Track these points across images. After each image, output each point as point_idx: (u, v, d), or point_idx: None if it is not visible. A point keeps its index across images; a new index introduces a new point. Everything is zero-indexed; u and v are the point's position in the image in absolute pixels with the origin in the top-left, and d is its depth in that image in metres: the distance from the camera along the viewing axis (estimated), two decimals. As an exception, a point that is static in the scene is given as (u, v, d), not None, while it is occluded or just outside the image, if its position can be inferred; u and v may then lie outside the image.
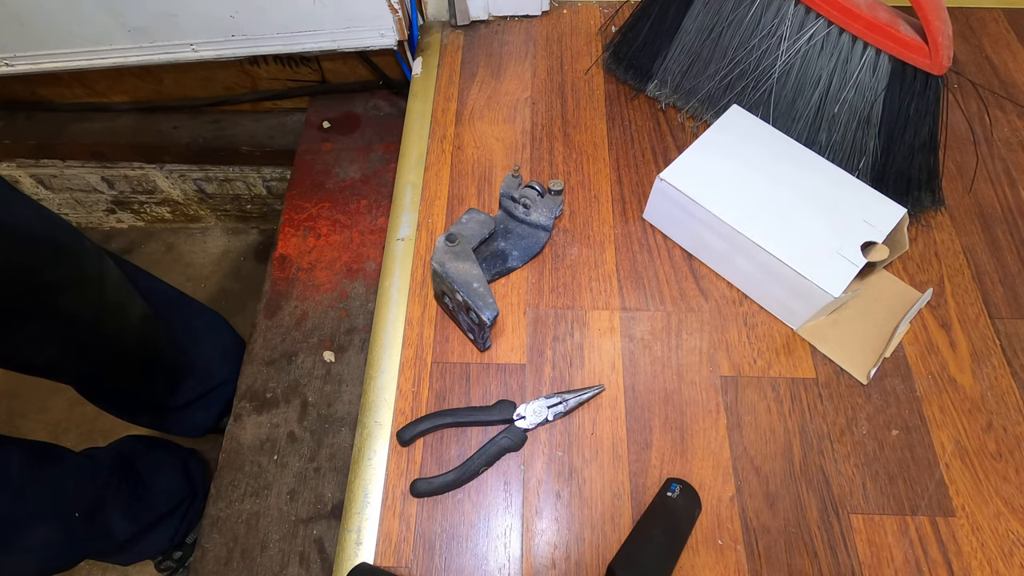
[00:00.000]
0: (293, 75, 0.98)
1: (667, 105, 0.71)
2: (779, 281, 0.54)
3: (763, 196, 0.56)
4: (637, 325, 0.58)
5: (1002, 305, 0.59)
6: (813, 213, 0.55)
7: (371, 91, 0.99)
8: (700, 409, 0.53)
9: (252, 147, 1.06)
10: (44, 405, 1.22)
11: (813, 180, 0.57)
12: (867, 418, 0.53)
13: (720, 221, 0.55)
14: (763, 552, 0.48)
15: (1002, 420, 0.53)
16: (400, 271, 0.61)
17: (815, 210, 0.56)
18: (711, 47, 0.65)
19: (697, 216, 0.57)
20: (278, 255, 0.86)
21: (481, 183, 0.66)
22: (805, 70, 0.61)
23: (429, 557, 0.48)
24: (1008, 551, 0.48)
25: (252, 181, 1.19)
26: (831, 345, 0.56)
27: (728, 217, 0.55)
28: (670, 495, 0.48)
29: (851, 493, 0.50)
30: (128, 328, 0.75)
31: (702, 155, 0.58)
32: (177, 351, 0.88)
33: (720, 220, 0.55)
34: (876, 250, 0.55)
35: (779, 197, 0.56)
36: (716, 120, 0.61)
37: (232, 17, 0.79)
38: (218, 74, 0.99)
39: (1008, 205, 0.65)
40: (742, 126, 0.60)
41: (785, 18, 0.59)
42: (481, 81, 0.74)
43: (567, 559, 0.48)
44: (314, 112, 0.99)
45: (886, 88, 0.58)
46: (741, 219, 0.54)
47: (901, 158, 0.60)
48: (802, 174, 0.58)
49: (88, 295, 0.67)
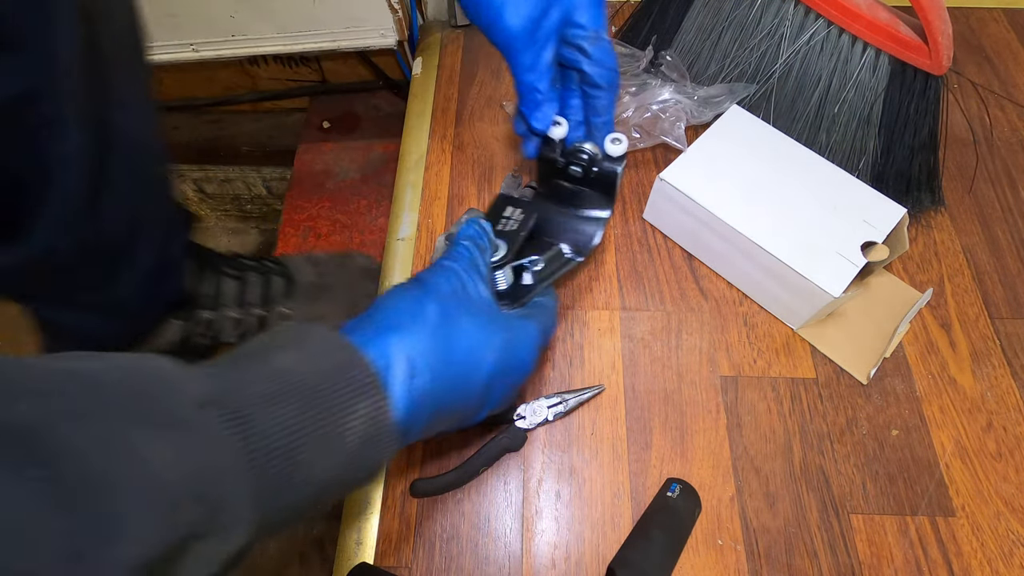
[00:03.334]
0: (293, 75, 0.98)
1: (667, 105, 0.71)
2: (779, 281, 0.54)
3: (763, 196, 0.56)
4: (637, 325, 0.58)
5: (1002, 305, 0.59)
6: (813, 213, 0.55)
7: (371, 91, 1.00)
8: (700, 409, 0.53)
9: (252, 147, 1.06)
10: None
11: (813, 180, 0.57)
12: (867, 418, 0.53)
13: (720, 221, 0.55)
14: (763, 552, 0.48)
15: (1002, 420, 0.53)
16: (400, 271, 0.61)
17: (815, 210, 0.56)
18: (711, 47, 0.65)
19: (697, 216, 0.57)
20: (278, 255, 0.86)
21: (481, 183, 0.66)
22: (805, 70, 0.61)
23: (429, 557, 0.48)
24: (1008, 551, 0.48)
25: (252, 181, 1.18)
26: (831, 345, 0.56)
27: (728, 217, 0.55)
28: (670, 495, 0.48)
29: (851, 493, 0.50)
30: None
31: (702, 155, 0.58)
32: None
33: (720, 220, 0.55)
34: (876, 250, 0.55)
35: (779, 197, 0.56)
36: (716, 120, 0.61)
37: (232, 17, 0.79)
38: (218, 74, 0.99)
39: (1008, 205, 0.65)
40: (742, 126, 0.60)
41: (785, 18, 0.60)
42: (481, 81, 0.74)
43: (567, 559, 0.48)
44: (314, 112, 0.99)
45: (886, 88, 0.58)
46: (741, 219, 0.54)
47: (901, 158, 0.60)
48: (802, 174, 0.58)
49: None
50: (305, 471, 0.26)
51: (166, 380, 0.23)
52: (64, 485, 0.18)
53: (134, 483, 0.20)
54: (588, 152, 0.44)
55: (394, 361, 0.30)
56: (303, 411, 0.26)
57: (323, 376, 0.27)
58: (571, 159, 0.45)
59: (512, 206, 0.44)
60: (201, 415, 0.23)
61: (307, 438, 0.26)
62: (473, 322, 0.34)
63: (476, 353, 0.34)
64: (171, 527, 0.20)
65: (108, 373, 0.22)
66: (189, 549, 0.21)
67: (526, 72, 0.41)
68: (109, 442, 0.20)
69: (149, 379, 0.23)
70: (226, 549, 0.23)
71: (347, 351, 0.29)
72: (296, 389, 0.26)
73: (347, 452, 0.27)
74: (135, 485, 0.20)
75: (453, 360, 0.33)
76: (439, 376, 0.32)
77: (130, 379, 0.22)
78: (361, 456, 0.28)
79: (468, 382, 0.34)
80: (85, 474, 0.19)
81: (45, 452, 0.18)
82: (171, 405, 0.22)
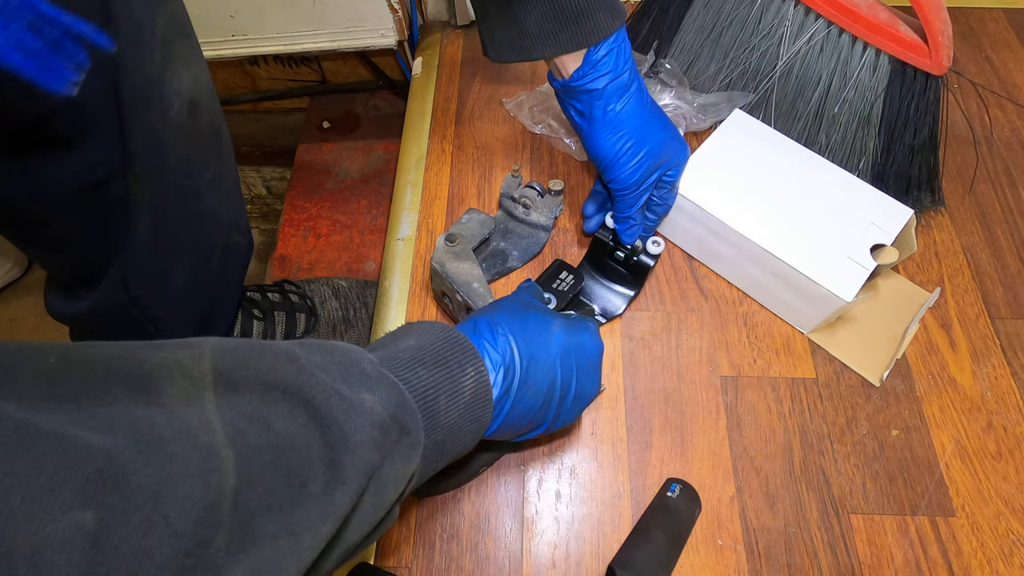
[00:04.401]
0: (293, 75, 0.98)
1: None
2: (789, 286, 0.54)
3: (770, 201, 0.56)
4: (637, 325, 0.58)
5: (1002, 305, 0.59)
6: (820, 217, 0.55)
7: (371, 91, 0.99)
8: (700, 409, 0.53)
9: (252, 147, 1.06)
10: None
11: (818, 183, 0.57)
12: (867, 418, 0.53)
13: (728, 228, 0.54)
14: (763, 552, 0.48)
15: (1002, 420, 0.53)
16: (400, 271, 0.61)
17: (822, 214, 0.55)
18: (711, 47, 0.65)
19: (704, 223, 0.56)
20: (278, 255, 0.86)
21: (481, 183, 0.66)
22: (805, 70, 0.61)
23: (429, 557, 0.48)
24: (1008, 551, 0.48)
25: (252, 181, 1.18)
26: (842, 347, 0.56)
27: (736, 223, 0.54)
28: (670, 495, 0.48)
29: (851, 493, 0.50)
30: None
31: (706, 161, 0.58)
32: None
33: (728, 227, 0.54)
34: (885, 252, 0.55)
35: (785, 201, 0.56)
36: (719, 125, 0.61)
37: (232, 17, 0.79)
38: (218, 74, 0.99)
39: (1008, 205, 0.65)
40: (745, 130, 0.60)
41: (785, 18, 0.60)
42: (481, 81, 0.74)
43: (567, 559, 0.48)
44: (314, 112, 0.99)
45: (886, 88, 0.58)
46: (749, 225, 0.54)
47: (901, 158, 0.60)
48: (807, 177, 0.57)
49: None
50: (441, 416, 0.34)
51: (357, 353, 0.33)
52: (317, 420, 0.27)
53: (358, 416, 0.29)
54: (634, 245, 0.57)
55: (483, 330, 0.39)
56: (434, 371, 0.35)
57: (440, 347, 0.36)
58: (619, 245, 0.57)
59: (566, 271, 0.55)
60: (383, 372, 0.32)
61: (440, 389, 0.35)
62: (540, 310, 0.44)
63: (545, 326, 0.42)
64: (382, 443, 0.30)
65: (324, 351, 0.31)
66: (387, 464, 0.30)
67: (629, 208, 0.54)
68: (337, 394, 0.29)
69: (347, 352, 0.32)
70: (409, 469, 0.32)
71: (450, 331, 0.38)
72: (427, 356, 0.35)
73: (464, 404, 0.35)
74: (359, 417, 0.29)
75: (528, 332, 0.41)
76: (520, 341, 0.40)
77: (333, 352, 0.32)
78: (472, 409, 0.36)
79: (544, 350, 0.41)
80: (325, 413, 0.28)
81: (302, 401, 0.27)
82: (364, 367, 0.32)
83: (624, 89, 0.50)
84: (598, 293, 0.58)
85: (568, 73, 0.49)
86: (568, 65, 0.49)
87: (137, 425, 0.23)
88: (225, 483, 0.23)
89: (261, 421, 0.26)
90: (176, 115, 0.49)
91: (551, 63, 0.50)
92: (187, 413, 0.24)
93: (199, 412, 0.24)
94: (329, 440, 0.28)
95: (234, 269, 0.66)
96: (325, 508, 0.27)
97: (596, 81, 0.49)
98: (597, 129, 0.50)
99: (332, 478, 0.27)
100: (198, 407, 0.25)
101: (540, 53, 0.49)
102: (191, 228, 0.55)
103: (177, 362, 0.26)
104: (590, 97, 0.49)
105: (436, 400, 0.34)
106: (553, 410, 0.42)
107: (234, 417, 0.25)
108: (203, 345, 0.27)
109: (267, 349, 0.29)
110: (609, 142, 0.50)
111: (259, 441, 0.25)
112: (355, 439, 0.28)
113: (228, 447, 0.24)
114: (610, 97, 0.49)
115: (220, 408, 0.25)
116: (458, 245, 0.54)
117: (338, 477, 0.27)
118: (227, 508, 0.23)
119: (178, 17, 0.49)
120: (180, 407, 0.24)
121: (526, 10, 0.47)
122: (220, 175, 0.58)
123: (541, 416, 0.41)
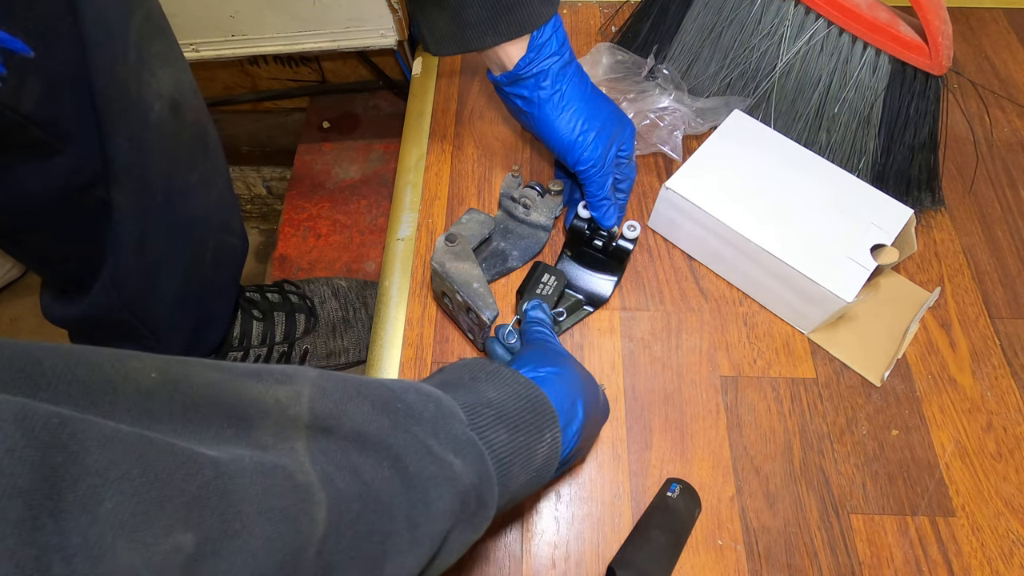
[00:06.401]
0: (293, 75, 0.98)
1: (667, 105, 0.71)
2: (790, 287, 0.54)
3: (770, 201, 0.56)
4: (637, 325, 0.58)
5: (1002, 305, 0.59)
6: (820, 217, 0.55)
7: (371, 91, 0.99)
8: (700, 409, 0.53)
9: (252, 147, 1.06)
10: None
11: (818, 183, 0.57)
12: (867, 418, 0.53)
13: (728, 228, 0.54)
14: (763, 552, 0.48)
15: (1002, 420, 0.53)
16: (400, 271, 0.61)
17: (822, 214, 0.55)
18: (711, 47, 0.65)
19: (704, 223, 0.56)
20: (278, 255, 0.86)
21: (481, 183, 0.66)
22: (805, 70, 0.61)
23: (429, 557, 0.48)
24: (1008, 551, 0.48)
25: (252, 181, 1.18)
26: (842, 348, 0.56)
27: (736, 224, 0.54)
28: (670, 495, 0.48)
29: (851, 493, 0.50)
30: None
31: (706, 161, 0.58)
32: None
33: (728, 227, 0.54)
34: (886, 252, 0.55)
35: (786, 202, 0.56)
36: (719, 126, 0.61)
37: (232, 17, 0.79)
38: (218, 74, 0.99)
39: (1008, 205, 0.65)
40: (744, 131, 0.60)
41: (785, 18, 0.60)
42: (481, 81, 0.74)
43: (567, 559, 0.48)
44: (314, 112, 0.99)
45: (886, 88, 0.58)
46: (749, 226, 0.54)
47: (901, 158, 0.60)
48: (807, 178, 0.57)
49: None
50: (512, 482, 0.34)
51: (449, 405, 0.32)
52: (404, 476, 0.27)
53: (444, 481, 0.29)
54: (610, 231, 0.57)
55: (554, 399, 0.38)
56: (514, 435, 0.34)
57: (523, 407, 0.35)
58: (596, 233, 0.57)
59: (548, 273, 0.55)
60: (471, 437, 0.31)
61: (516, 454, 0.34)
62: (572, 362, 0.43)
63: (594, 389, 0.44)
64: (460, 513, 0.30)
65: (417, 392, 0.31)
66: (457, 531, 0.30)
67: (600, 189, 0.54)
68: (427, 450, 0.29)
69: (440, 403, 0.31)
70: (474, 539, 0.32)
71: (532, 389, 0.36)
72: (509, 416, 0.34)
73: (535, 468, 0.35)
74: (445, 483, 0.29)
75: (589, 394, 0.42)
76: (589, 405, 0.41)
77: (428, 397, 0.31)
78: (540, 473, 0.36)
79: (595, 409, 0.42)
80: (414, 471, 0.28)
81: (392, 455, 0.27)
82: (453, 427, 0.31)
83: (567, 69, 0.51)
84: (583, 283, 0.59)
85: (513, 62, 0.50)
86: (512, 54, 0.50)
87: (240, 451, 0.23)
88: (315, 530, 0.23)
89: (351, 469, 0.26)
90: (157, 117, 0.48)
91: (491, 58, 0.51)
92: (281, 451, 0.24)
93: (291, 452, 0.24)
94: (412, 498, 0.27)
95: (229, 270, 0.65)
96: (398, 569, 0.27)
97: (543, 63, 0.50)
98: (549, 112, 0.51)
99: (411, 540, 0.27)
100: (290, 446, 0.25)
101: (482, 43, 0.49)
102: (180, 231, 0.55)
103: (276, 400, 0.25)
104: (536, 81, 0.50)
105: (511, 466, 0.34)
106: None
107: (325, 463, 0.25)
108: (302, 381, 0.27)
109: (365, 396, 0.28)
110: (563, 122, 0.51)
111: (348, 490, 0.25)
112: (437, 505, 0.28)
113: (322, 491, 0.24)
114: (556, 78, 0.50)
115: (312, 451, 0.25)
116: (458, 245, 0.54)
117: (416, 540, 0.27)
118: (311, 556, 0.23)
119: (154, 18, 0.49)
120: (275, 443, 0.24)
121: (464, 2, 0.48)
122: (208, 176, 0.57)
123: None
